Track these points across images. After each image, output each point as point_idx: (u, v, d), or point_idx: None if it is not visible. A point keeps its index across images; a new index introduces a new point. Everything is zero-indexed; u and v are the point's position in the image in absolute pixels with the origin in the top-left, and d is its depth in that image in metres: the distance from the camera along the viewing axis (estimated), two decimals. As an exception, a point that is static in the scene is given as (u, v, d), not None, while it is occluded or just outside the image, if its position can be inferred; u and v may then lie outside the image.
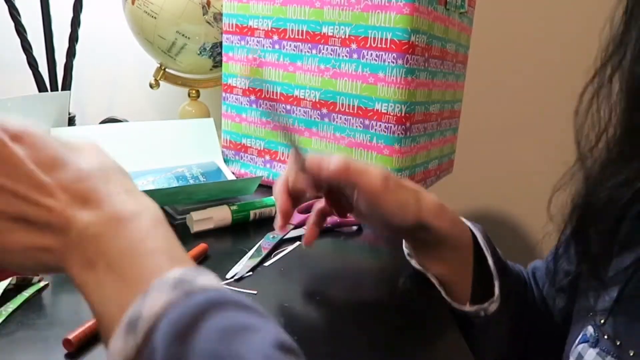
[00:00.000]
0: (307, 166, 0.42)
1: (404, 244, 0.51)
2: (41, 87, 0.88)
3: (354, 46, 0.65)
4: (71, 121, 0.83)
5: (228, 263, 0.50)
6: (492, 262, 0.46)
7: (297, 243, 0.56)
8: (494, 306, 0.45)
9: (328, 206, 0.47)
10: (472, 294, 0.46)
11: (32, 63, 0.86)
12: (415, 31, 0.62)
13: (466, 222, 0.48)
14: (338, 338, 0.40)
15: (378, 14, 0.62)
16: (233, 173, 0.75)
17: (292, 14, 0.68)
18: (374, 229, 0.48)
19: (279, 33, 0.70)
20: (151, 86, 0.95)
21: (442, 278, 0.47)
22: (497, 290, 0.45)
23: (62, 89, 0.90)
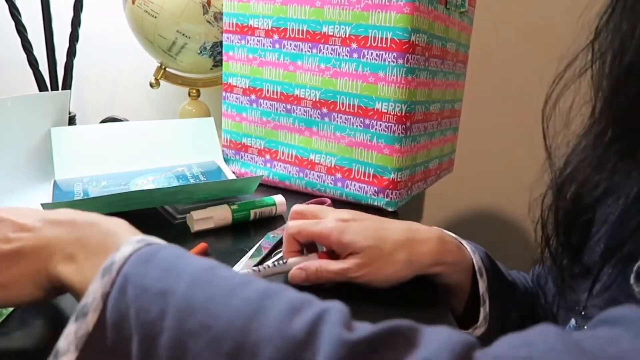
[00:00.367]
0: (289, 278, 0.44)
1: None
2: (41, 86, 0.88)
3: (354, 45, 0.65)
4: (71, 120, 0.83)
5: (228, 262, 0.50)
6: (484, 288, 0.46)
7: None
8: (479, 331, 0.46)
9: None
10: (461, 319, 0.47)
11: (33, 62, 0.86)
12: (415, 30, 0.62)
13: (466, 247, 0.47)
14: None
15: (378, 13, 0.62)
16: (233, 172, 0.75)
17: (293, 13, 0.68)
18: None
19: (279, 32, 0.70)
20: (151, 85, 0.95)
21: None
22: (481, 315, 0.46)
23: (63, 88, 0.90)
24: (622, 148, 0.36)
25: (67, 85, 0.90)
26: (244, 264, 0.50)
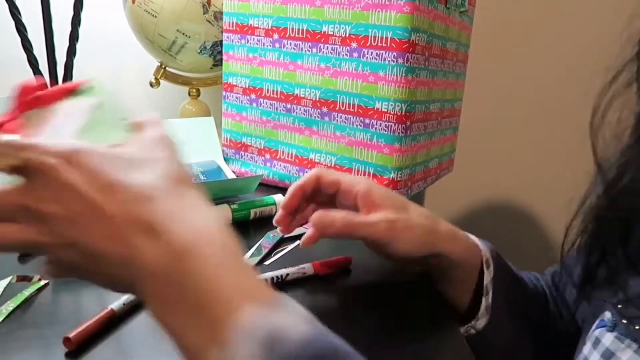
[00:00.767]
0: (312, 223, 0.41)
1: None
2: (41, 85, 0.88)
3: (354, 45, 0.65)
4: (71, 120, 0.83)
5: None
6: (489, 279, 0.45)
7: (298, 242, 0.56)
8: (481, 322, 0.45)
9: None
10: (467, 312, 0.46)
11: (33, 62, 0.86)
12: (415, 30, 0.62)
13: (475, 240, 0.47)
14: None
15: (378, 12, 0.62)
16: (233, 172, 0.75)
17: (293, 12, 0.68)
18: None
19: (279, 32, 0.70)
20: (151, 85, 0.95)
21: (452, 300, 0.47)
22: (482, 305, 0.45)
23: (63, 87, 0.90)
24: None
25: (67, 84, 0.90)
26: (244, 263, 0.50)
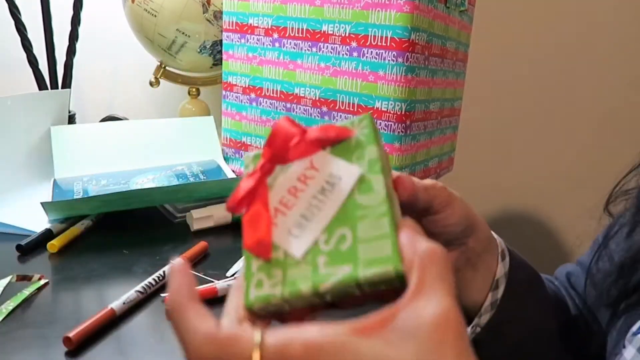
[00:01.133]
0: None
1: None
2: (41, 85, 0.88)
3: (354, 44, 0.65)
4: (71, 119, 0.83)
5: (228, 261, 0.50)
6: (503, 272, 0.42)
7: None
8: (484, 318, 0.42)
9: None
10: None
11: (32, 61, 0.86)
12: (415, 29, 0.62)
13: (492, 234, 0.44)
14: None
15: (378, 12, 0.62)
16: (233, 171, 0.75)
17: (292, 12, 0.68)
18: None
19: (279, 31, 0.70)
20: (151, 84, 0.95)
21: (470, 296, 0.42)
22: (487, 300, 0.41)
23: (62, 87, 0.90)
24: None
25: (66, 84, 0.90)
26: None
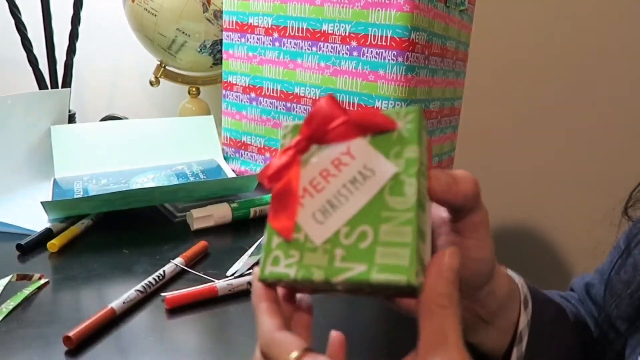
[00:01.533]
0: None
1: None
2: (41, 84, 0.88)
3: (354, 44, 0.65)
4: (71, 118, 0.83)
5: (228, 261, 0.50)
6: (525, 322, 0.37)
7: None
8: None
9: None
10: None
11: (33, 60, 0.86)
12: (415, 29, 0.62)
13: (510, 273, 0.39)
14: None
15: (378, 11, 0.62)
16: (233, 171, 0.75)
17: (293, 11, 0.68)
18: None
19: (279, 30, 0.70)
20: (151, 84, 0.95)
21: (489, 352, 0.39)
22: (514, 356, 0.37)
23: (62, 86, 0.90)
24: None
25: (67, 83, 0.90)
26: (244, 262, 0.50)
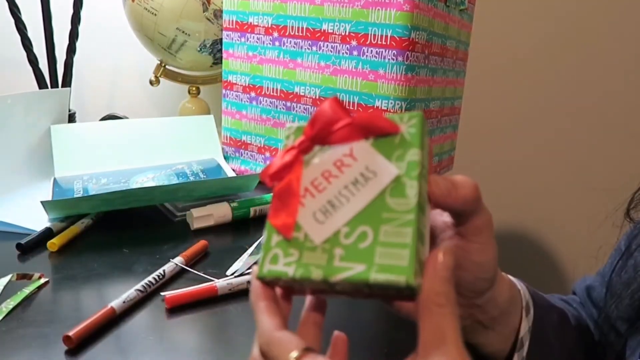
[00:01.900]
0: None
1: None
2: (41, 83, 0.88)
3: (354, 43, 0.65)
4: (71, 118, 0.83)
5: (228, 260, 0.50)
6: (526, 329, 0.38)
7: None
8: None
9: None
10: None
11: (33, 60, 0.86)
12: (415, 28, 0.62)
13: (512, 279, 0.39)
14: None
15: (378, 11, 0.62)
16: (233, 170, 0.75)
17: (293, 10, 0.68)
18: None
19: (279, 30, 0.70)
20: (151, 83, 0.95)
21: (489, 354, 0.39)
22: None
23: (62, 85, 0.90)
24: None
25: (67, 82, 0.90)
26: (244, 261, 0.50)
